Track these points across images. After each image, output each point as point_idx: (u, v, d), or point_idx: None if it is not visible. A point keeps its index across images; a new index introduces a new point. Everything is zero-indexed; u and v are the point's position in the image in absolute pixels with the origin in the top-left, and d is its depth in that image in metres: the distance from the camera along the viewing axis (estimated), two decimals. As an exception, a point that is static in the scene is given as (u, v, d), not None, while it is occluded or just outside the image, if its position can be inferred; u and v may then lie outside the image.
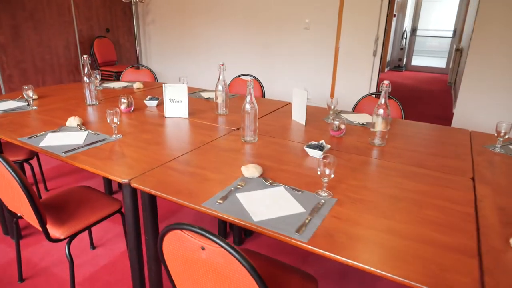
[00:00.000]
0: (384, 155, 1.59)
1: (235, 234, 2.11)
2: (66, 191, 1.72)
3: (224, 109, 2.15)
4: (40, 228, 1.38)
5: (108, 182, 2.63)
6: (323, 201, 1.18)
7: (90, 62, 2.22)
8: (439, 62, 8.95)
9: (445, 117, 4.92)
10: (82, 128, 1.78)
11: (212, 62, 5.02)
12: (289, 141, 1.74)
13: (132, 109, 2.15)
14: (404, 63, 8.67)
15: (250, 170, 1.33)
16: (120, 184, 2.72)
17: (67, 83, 4.55)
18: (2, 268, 1.85)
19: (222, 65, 2.06)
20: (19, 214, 1.55)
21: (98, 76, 2.73)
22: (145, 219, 1.38)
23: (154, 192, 1.22)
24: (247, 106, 1.65)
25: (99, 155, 1.49)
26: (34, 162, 2.84)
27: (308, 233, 1.00)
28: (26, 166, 2.70)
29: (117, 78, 4.66)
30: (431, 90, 6.66)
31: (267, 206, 1.14)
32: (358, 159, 1.54)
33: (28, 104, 2.20)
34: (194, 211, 2.31)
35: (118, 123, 1.68)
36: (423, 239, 0.99)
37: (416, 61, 8.89)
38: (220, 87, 2.10)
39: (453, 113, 5.11)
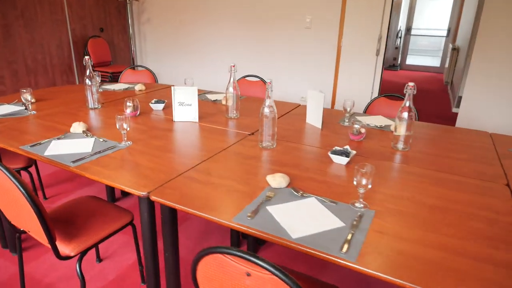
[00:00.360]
0: (411, 160, 1.53)
1: (250, 243, 2.02)
2: (72, 203, 1.61)
3: (234, 112, 2.05)
4: (48, 245, 1.27)
5: (110, 189, 2.51)
6: (359, 213, 1.10)
7: (92, 63, 2.09)
8: (432, 61, 8.99)
9: (446, 117, 4.91)
10: (89, 135, 1.67)
11: (209, 61, 4.91)
12: (309, 146, 1.66)
13: (138, 113, 2.04)
14: (398, 62, 8.69)
15: (277, 180, 1.24)
16: (123, 191, 2.61)
17: (60, 84, 4.39)
18: (3, 285, 1.72)
19: (234, 66, 1.97)
20: (22, 229, 1.44)
21: (98, 78, 2.60)
22: (164, 234, 1.28)
23: (178, 206, 1.12)
24: (266, 110, 1.56)
25: (111, 165, 1.38)
26: (31, 169, 2.70)
27: (354, 251, 0.92)
28: (23, 173, 2.56)
29: (112, 79, 4.52)
30: (428, 89, 6.67)
31: (303, 220, 1.05)
32: (385, 165, 1.46)
33: (26, 108, 2.07)
34: (201, 218, 2.22)
35: (128, 129, 1.58)
36: (479, 256, 0.92)
37: (409, 60, 8.92)
38: (231, 89, 2.00)
39: (452, 113, 5.11)
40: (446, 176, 1.38)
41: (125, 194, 2.62)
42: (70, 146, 1.54)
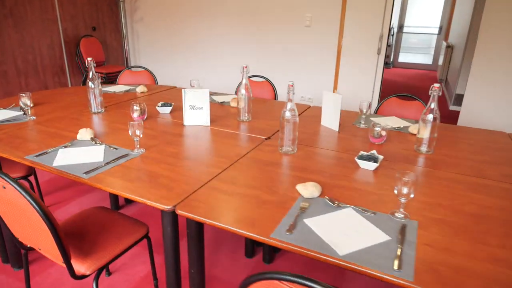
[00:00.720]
0: (437, 164, 1.48)
1: (265, 251, 1.95)
2: (81, 215, 1.51)
3: (246, 115, 1.98)
4: (62, 264, 1.18)
5: (114, 197, 2.40)
6: (401, 224, 1.04)
7: (95, 65, 1.99)
8: (423, 59, 9.07)
9: (445, 115, 4.91)
10: (97, 142, 1.57)
11: (206, 60, 4.80)
12: (330, 150, 1.60)
13: (146, 117, 1.95)
14: (391, 60, 8.72)
15: (310, 190, 1.17)
16: (127, 199, 2.50)
17: (52, 86, 4.23)
18: (6, 304, 1.61)
19: (246, 67, 1.89)
20: (29, 246, 1.33)
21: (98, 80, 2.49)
22: (190, 250, 1.20)
23: (208, 221, 1.04)
24: (287, 114, 1.49)
25: (127, 175, 1.29)
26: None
27: (409, 268, 0.86)
28: (23, 182, 2.42)
29: (107, 80, 4.37)
30: (422, 87, 6.70)
31: (345, 234, 0.99)
32: (412, 170, 1.41)
33: (24, 114, 1.95)
34: (209, 226, 2.13)
35: (141, 136, 1.48)
36: (534, 268, 0.87)
37: (401, 57, 8.96)
38: (243, 91, 1.93)
39: (450, 111, 5.13)
40: (476, 180, 1.34)
41: (128, 201, 2.51)
42: (79, 155, 1.44)
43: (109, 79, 4.38)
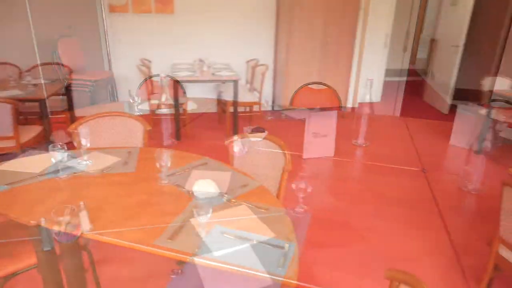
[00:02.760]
0: None
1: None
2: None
3: (363, 138, 1.61)
4: None
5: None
6: None
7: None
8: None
9: (445, 112, 4.91)
10: (236, 202, 1.09)
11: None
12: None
13: (246, 149, 1.49)
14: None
15: None
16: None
17: (25, 99, 3.41)
18: None
19: (372, 79, 1.52)
20: None
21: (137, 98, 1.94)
22: None
23: None
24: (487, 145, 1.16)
25: (369, 273, 0.87)
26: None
27: None
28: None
29: (94, 89, 3.65)
30: (400, 80, 6.76)
31: None
32: None
33: (73, 157, 1.38)
34: None
35: (309, 190, 1.05)
36: None
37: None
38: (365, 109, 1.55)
39: (452, 105, 5.17)
40: None
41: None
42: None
43: (97, 87, 3.68)
